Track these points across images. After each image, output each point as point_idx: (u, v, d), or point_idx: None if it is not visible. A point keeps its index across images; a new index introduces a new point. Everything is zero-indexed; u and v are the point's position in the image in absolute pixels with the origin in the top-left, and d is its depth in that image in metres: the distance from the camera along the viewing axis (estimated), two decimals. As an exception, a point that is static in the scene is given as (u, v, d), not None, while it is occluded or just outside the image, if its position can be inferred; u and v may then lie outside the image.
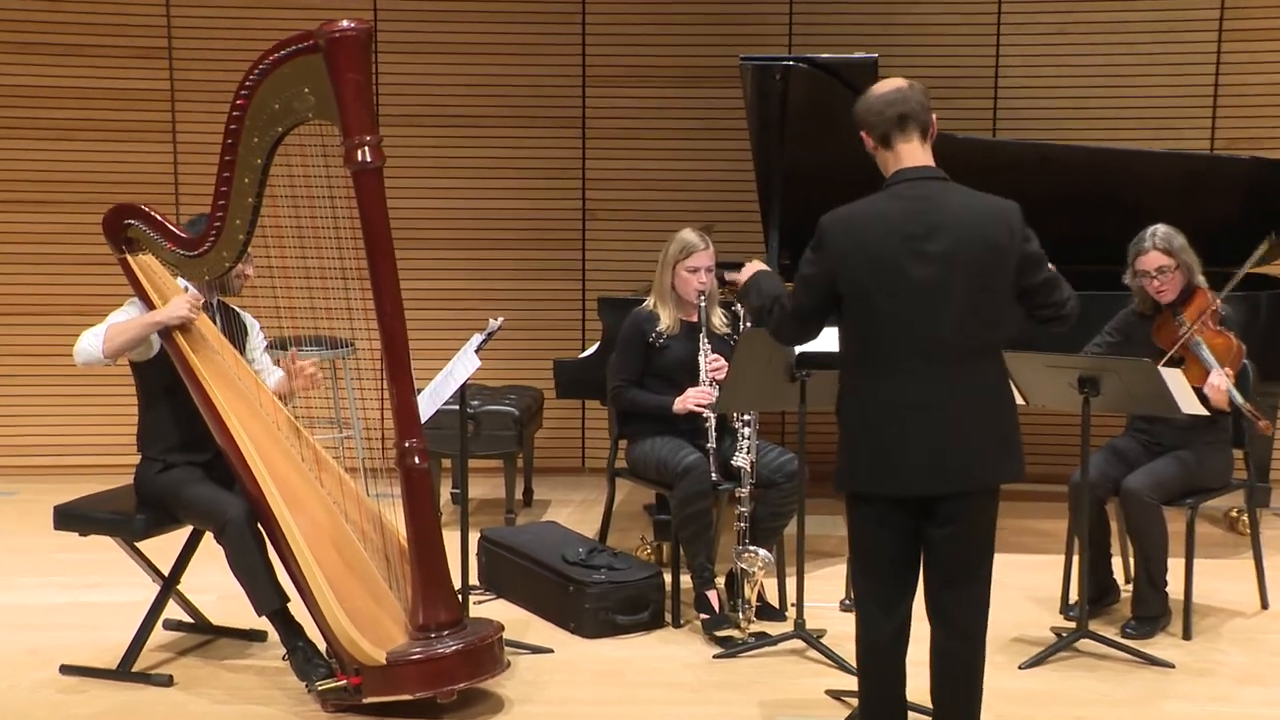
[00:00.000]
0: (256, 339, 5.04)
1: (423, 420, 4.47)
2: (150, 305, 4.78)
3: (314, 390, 4.89)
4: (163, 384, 4.79)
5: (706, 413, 5.33)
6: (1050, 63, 7.41)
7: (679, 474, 5.25)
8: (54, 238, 7.44)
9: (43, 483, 7.26)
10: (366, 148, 4.20)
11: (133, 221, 4.76)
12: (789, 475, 5.30)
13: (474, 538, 5.57)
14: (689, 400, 5.36)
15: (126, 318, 4.76)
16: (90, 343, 4.69)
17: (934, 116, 3.62)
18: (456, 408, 5.11)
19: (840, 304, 3.60)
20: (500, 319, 4.97)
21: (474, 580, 5.48)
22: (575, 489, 7.40)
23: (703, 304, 5.44)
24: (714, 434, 5.32)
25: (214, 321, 4.88)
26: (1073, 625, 5.10)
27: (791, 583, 5.33)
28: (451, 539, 4.77)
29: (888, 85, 3.63)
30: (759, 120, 6.32)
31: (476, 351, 4.84)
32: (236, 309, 5.04)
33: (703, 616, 5.21)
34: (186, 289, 4.81)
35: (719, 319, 5.56)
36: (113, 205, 4.85)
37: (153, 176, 7.43)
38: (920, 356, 3.52)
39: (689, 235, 5.50)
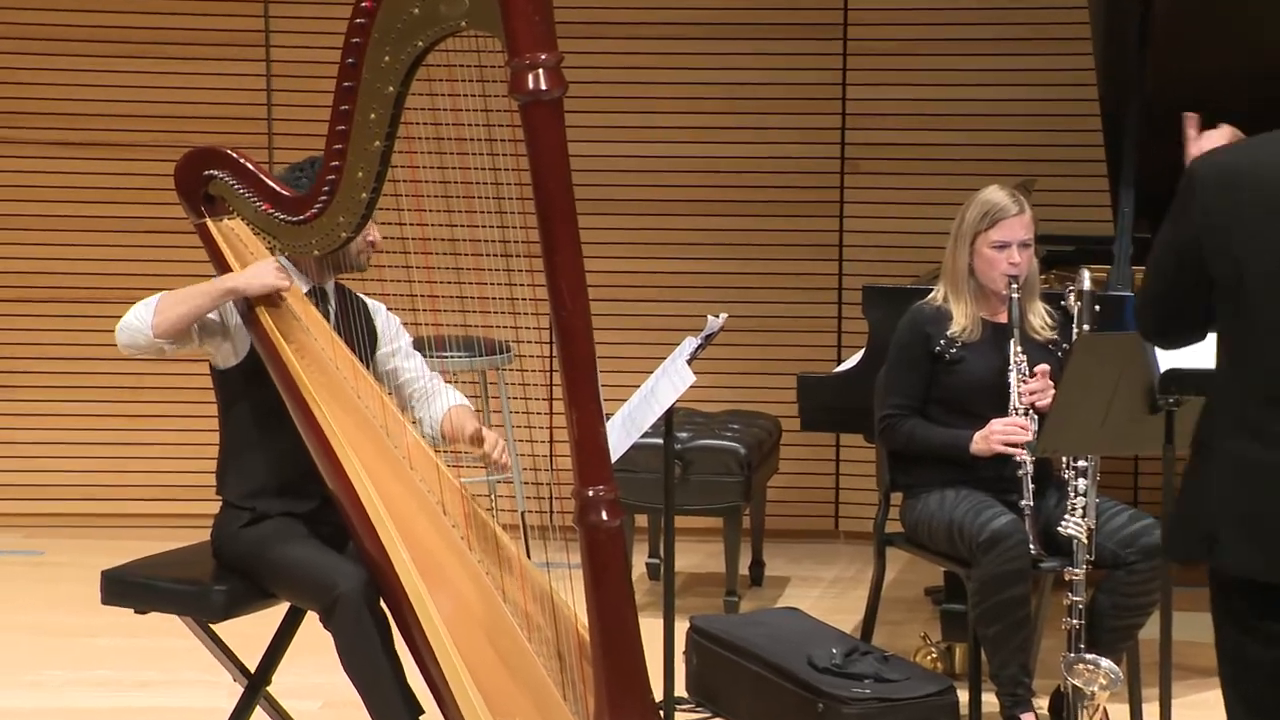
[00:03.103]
0: (393, 339, 5.12)
1: (613, 459, 4.53)
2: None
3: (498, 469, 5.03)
4: (253, 400, 4.91)
5: (1021, 455, 5.32)
6: None
7: (982, 544, 5.24)
8: (99, 193, 7.68)
9: (79, 537, 7.48)
10: (541, 70, 4.27)
11: (215, 173, 4.87)
12: (1146, 551, 5.26)
13: (681, 628, 5.63)
14: (995, 437, 5.34)
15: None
16: (138, 315, 4.79)
17: None
18: (659, 442, 5.16)
19: (1212, 291, 3.57)
20: (722, 316, 5.01)
21: (680, 689, 5.55)
22: (826, 562, 7.41)
23: (1015, 296, 5.43)
24: (1032, 487, 5.31)
25: (327, 315, 4.98)
26: None
27: (1152, 710, 5.28)
28: (650, 629, 4.81)
29: None
30: (1108, 25, 6.29)
31: (689, 362, 4.89)
32: (363, 298, 5.13)
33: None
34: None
35: (1040, 318, 5.54)
36: (188, 150, 4.97)
37: (238, 109, 7.65)
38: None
39: (996, 195, 5.49)
